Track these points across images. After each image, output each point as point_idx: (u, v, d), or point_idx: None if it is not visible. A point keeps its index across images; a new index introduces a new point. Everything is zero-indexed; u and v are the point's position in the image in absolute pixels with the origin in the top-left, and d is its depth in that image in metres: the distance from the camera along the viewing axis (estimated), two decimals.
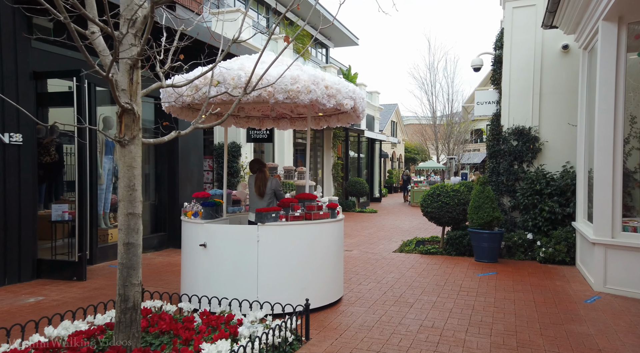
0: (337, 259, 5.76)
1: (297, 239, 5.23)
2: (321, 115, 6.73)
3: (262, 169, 5.92)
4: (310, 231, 5.33)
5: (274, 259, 5.10)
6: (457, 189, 9.54)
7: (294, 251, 5.19)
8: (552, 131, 9.22)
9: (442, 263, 8.56)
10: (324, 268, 5.49)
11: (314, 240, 5.36)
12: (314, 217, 5.38)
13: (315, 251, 5.37)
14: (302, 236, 5.27)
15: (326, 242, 5.52)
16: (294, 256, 5.19)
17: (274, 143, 15.74)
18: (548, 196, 8.81)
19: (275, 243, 5.12)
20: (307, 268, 5.28)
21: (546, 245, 8.45)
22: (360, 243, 10.97)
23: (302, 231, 5.27)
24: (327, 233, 5.54)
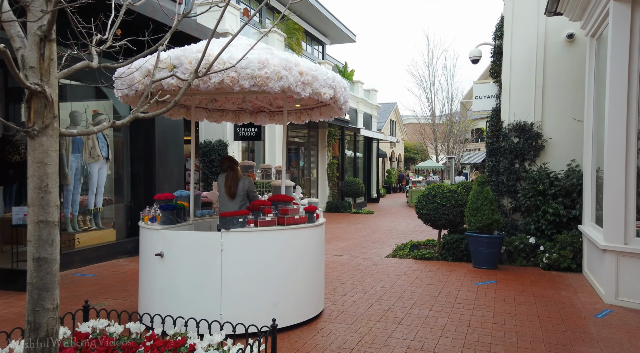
0: (316, 269, 5.11)
1: (268, 247, 4.58)
2: (298, 107, 6.08)
3: (233, 168, 5.27)
4: (283, 238, 4.68)
5: (241, 271, 4.45)
6: (454, 190, 8.89)
7: (264, 261, 4.54)
8: (556, 126, 8.56)
9: (437, 269, 7.90)
10: (300, 280, 4.83)
11: (288, 248, 4.71)
12: (288, 222, 4.73)
13: (289, 261, 4.71)
14: (274, 244, 4.62)
15: (303, 250, 4.87)
16: (264, 267, 4.54)
17: (264, 141, 15.09)
18: (552, 197, 8.15)
19: (242, 252, 4.46)
20: (279, 280, 4.62)
21: (550, 250, 7.79)
22: (351, 247, 10.32)
23: (273, 239, 4.62)
24: (303, 239, 4.89)
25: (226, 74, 4.17)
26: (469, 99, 10.99)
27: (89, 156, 8.23)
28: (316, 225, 5.09)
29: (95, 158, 8.30)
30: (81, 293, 6.16)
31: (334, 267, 8.06)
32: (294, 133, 18.76)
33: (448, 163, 27.45)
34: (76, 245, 7.78)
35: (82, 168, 8.10)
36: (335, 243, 10.75)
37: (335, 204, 18.93)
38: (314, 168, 19.43)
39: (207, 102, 6.15)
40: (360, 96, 23.51)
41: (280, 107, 6.53)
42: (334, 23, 24.01)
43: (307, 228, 4.94)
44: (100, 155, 8.36)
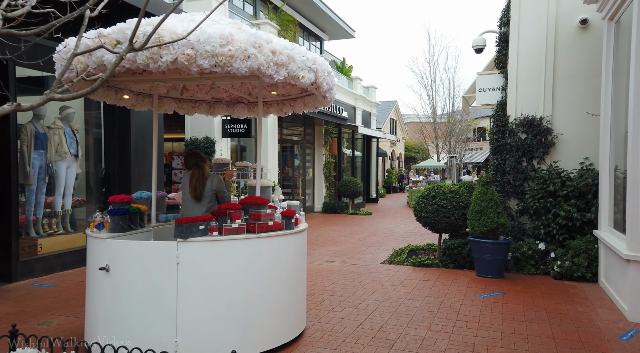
0: (294, 284, 4.38)
1: (234, 259, 3.85)
2: (275, 94, 5.34)
3: (199, 165, 4.54)
4: (254, 248, 3.95)
5: (201, 288, 3.72)
6: (455, 191, 8.15)
7: (230, 276, 3.81)
8: (567, 121, 7.81)
9: (437, 278, 7.16)
10: (275, 297, 4.10)
11: (259, 259, 3.98)
12: (259, 229, 4.00)
13: (261, 275, 3.98)
14: (243, 256, 3.89)
15: (278, 262, 4.14)
16: (229, 284, 3.81)
17: (256, 138, 14.35)
18: (564, 199, 7.41)
19: (203, 265, 3.73)
20: (248, 299, 3.89)
21: (562, 257, 7.05)
22: (345, 251, 9.59)
23: (242, 249, 3.89)
24: (279, 249, 4.16)
25: (180, 51, 3.44)
26: (472, 93, 10.25)
27: (55, 153, 7.50)
28: (295, 231, 4.35)
29: (63, 155, 7.58)
30: (32, 308, 5.44)
31: (324, 275, 7.32)
32: (289, 131, 18.02)
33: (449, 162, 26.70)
34: (38, 251, 7.05)
35: (47, 166, 7.37)
36: (328, 247, 10.02)
37: (332, 205, 18.20)
38: (309, 167, 18.69)
39: (181, 91, 5.41)
40: (359, 92, 22.76)
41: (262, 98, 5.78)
42: (332, 18, 23.26)
43: (284, 235, 4.20)
44: (67, 152, 7.63)
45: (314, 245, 10.30)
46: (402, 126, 41.91)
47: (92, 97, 4.62)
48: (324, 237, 11.61)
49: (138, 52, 3.48)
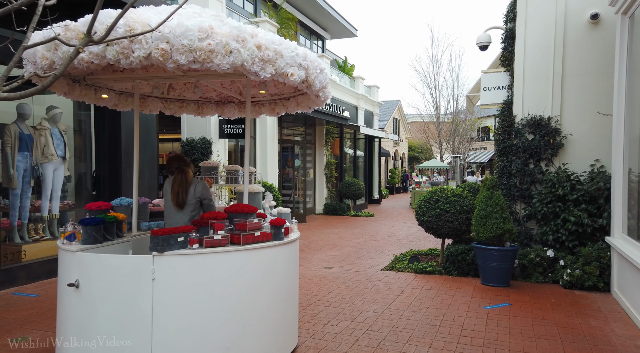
0: (285, 299, 4.04)
1: (217, 274, 3.51)
2: (264, 93, 5.00)
3: (182, 169, 4.21)
4: (239, 261, 3.61)
5: (180, 306, 3.38)
6: (459, 194, 7.80)
7: (212, 292, 3.48)
8: (577, 121, 7.44)
9: (440, 287, 6.81)
10: (262, 314, 3.77)
11: (245, 273, 3.64)
12: (245, 240, 3.66)
13: (247, 290, 3.65)
14: (226, 270, 3.55)
15: (266, 275, 3.80)
16: (212, 301, 3.47)
17: (255, 139, 14.03)
18: (573, 203, 7.04)
19: (181, 281, 3.40)
20: (233, 317, 3.56)
21: (572, 265, 6.69)
22: (345, 256, 9.24)
23: (225, 262, 3.55)
24: (267, 262, 3.82)
25: (154, 45, 3.11)
26: (476, 92, 9.88)
27: (42, 156, 7.19)
28: (285, 242, 4.01)
29: (49, 157, 7.27)
30: (8, 321, 5.12)
31: (321, 283, 6.98)
32: (290, 131, 17.70)
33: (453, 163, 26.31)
34: (22, 257, 6.74)
35: (32, 169, 7.06)
36: (327, 252, 9.68)
37: (333, 207, 17.86)
38: (310, 168, 18.34)
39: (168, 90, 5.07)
40: (361, 92, 22.40)
41: (253, 98, 5.45)
42: (334, 16, 22.92)
43: (272, 247, 3.86)
44: (54, 154, 7.32)
45: (312, 250, 9.96)
46: (405, 125, 41.50)
47: (69, 97, 4.29)
48: (323, 240, 11.27)
49: (108, 47, 3.16)
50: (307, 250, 9.88)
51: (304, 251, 9.72)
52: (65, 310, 3.56)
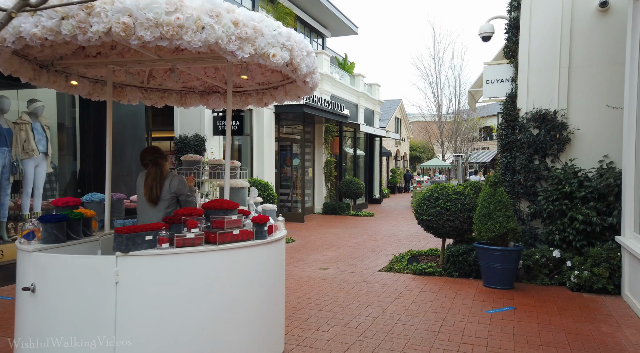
0: (268, 304, 3.69)
1: (190, 277, 3.16)
2: (245, 78, 4.64)
3: (157, 162, 3.85)
4: (214, 262, 3.26)
5: (147, 313, 3.03)
6: (460, 192, 7.43)
7: (183, 298, 3.12)
8: (585, 115, 7.08)
9: (440, 289, 6.45)
10: (242, 322, 3.41)
11: (221, 276, 3.29)
12: (222, 239, 3.31)
13: (224, 295, 3.29)
14: (200, 272, 3.20)
15: (246, 278, 3.45)
16: (183, 307, 3.12)
17: (252, 137, 13.70)
18: (581, 201, 6.67)
19: (149, 285, 3.05)
20: (207, 325, 3.20)
21: (580, 266, 6.32)
22: (342, 257, 8.89)
23: (199, 264, 3.20)
24: (246, 263, 3.47)
25: (115, 19, 2.76)
26: (479, 87, 9.52)
27: (22, 151, 6.86)
28: (268, 241, 3.66)
29: (30, 153, 6.93)
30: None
31: (315, 285, 6.63)
32: (288, 129, 17.37)
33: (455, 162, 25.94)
34: (0, 258, 6.40)
35: (12, 165, 6.73)
36: (323, 252, 9.33)
37: (332, 206, 17.49)
38: (309, 167, 17.98)
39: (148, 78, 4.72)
40: (362, 90, 22.04)
41: (239, 87, 5.11)
42: (335, 14, 22.58)
43: (253, 246, 3.51)
44: (35, 150, 6.99)
45: (308, 250, 9.61)
46: (407, 125, 41.12)
47: (35, 83, 3.94)
48: (320, 240, 10.91)
49: (63, 20, 2.81)
50: (303, 250, 9.53)
51: (300, 252, 9.37)
52: (21, 316, 3.21)
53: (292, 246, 10.06)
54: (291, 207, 16.17)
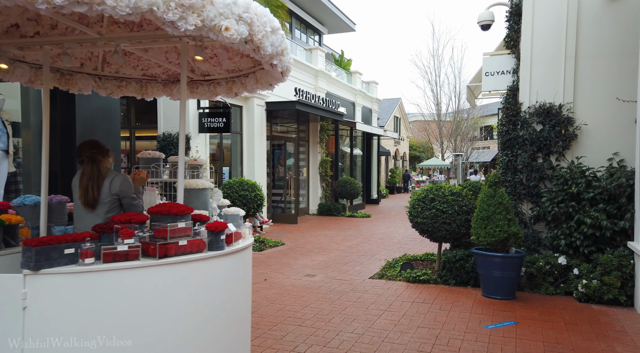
0: (226, 327, 3.12)
1: (120, 300, 2.58)
2: (200, 60, 4.06)
3: (94, 158, 3.28)
4: (153, 281, 2.69)
5: (64, 348, 2.45)
6: (457, 192, 6.86)
7: (112, 326, 2.55)
8: (593, 109, 6.51)
9: (435, 300, 5.88)
10: (193, 350, 2.83)
11: (163, 297, 2.72)
12: (163, 251, 2.74)
13: (165, 321, 2.72)
14: (134, 293, 2.63)
15: (196, 299, 2.88)
16: (112, 338, 2.54)
17: (242, 134, 13.12)
18: (589, 203, 6.10)
19: (66, 310, 2.47)
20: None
21: (588, 274, 5.75)
22: (332, 262, 8.32)
23: (133, 283, 2.63)
24: (197, 280, 2.89)
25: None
26: (478, 82, 8.95)
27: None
28: (227, 252, 3.08)
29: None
30: None
31: (298, 295, 6.06)
32: (283, 128, 16.81)
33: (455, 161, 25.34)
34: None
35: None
36: (313, 257, 8.76)
37: (327, 207, 16.92)
38: (304, 166, 17.41)
39: (103, 64, 4.13)
40: (359, 88, 21.48)
41: (206, 75, 4.53)
42: (332, 10, 22.03)
43: (206, 260, 2.94)
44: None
45: (297, 254, 9.04)
46: (406, 124, 40.55)
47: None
48: (311, 244, 10.35)
49: None
50: (292, 255, 8.96)
51: (288, 256, 8.80)
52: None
53: (281, 250, 9.50)
54: (284, 208, 15.61)
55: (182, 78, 3.33)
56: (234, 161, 13.20)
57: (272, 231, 12.45)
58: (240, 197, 9.74)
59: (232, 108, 12.73)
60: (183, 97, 3.32)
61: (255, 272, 7.37)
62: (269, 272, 7.42)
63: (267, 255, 8.88)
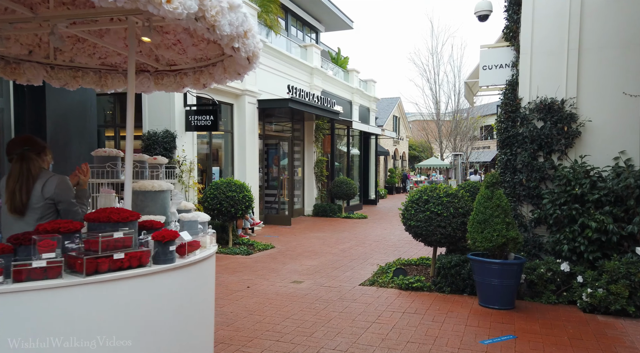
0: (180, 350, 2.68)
1: (35, 328, 2.14)
2: (147, 41, 3.62)
3: (25, 156, 2.85)
4: (78, 303, 2.25)
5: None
6: (453, 194, 6.43)
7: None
8: (597, 104, 6.07)
9: (428, 309, 5.45)
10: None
11: (97, 323, 2.28)
12: (92, 268, 2.31)
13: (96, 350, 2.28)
14: (54, 320, 2.19)
15: (136, 323, 2.44)
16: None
17: (232, 133, 12.68)
18: (594, 205, 5.67)
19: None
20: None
21: (593, 283, 5.31)
22: (322, 267, 7.88)
23: (51, 307, 2.19)
24: (137, 301, 2.46)
25: None
26: (476, 78, 8.51)
27: None
28: (177, 266, 2.65)
29: None
30: None
31: (281, 305, 5.62)
32: (278, 127, 16.37)
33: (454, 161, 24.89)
34: None
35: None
36: (302, 261, 8.32)
37: (323, 208, 16.49)
38: (299, 166, 16.98)
39: (1, 41, 3.69)
40: (356, 86, 21.04)
41: (172, 65, 4.10)
42: (329, 7, 21.58)
43: (149, 275, 2.50)
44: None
45: (287, 258, 8.61)
46: (405, 124, 40.09)
47: None
48: (303, 247, 9.91)
49: None
50: (280, 259, 8.53)
51: (277, 260, 8.37)
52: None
53: (270, 253, 9.07)
54: (278, 209, 15.18)
55: (130, 63, 2.90)
56: (225, 161, 12.77)
57: (263, 233, 12.02)
58: (228, 198, 9.30)
59: (222, 106, 12.30)
60: (131, 83, 2.89)
61: (239, 279, 6.95)
62: (254, 278, 6.99)
63: (255, 259, 8.45)
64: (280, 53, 14.37)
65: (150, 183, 3.22)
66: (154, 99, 10.19)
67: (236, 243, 9.86)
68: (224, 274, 7.22)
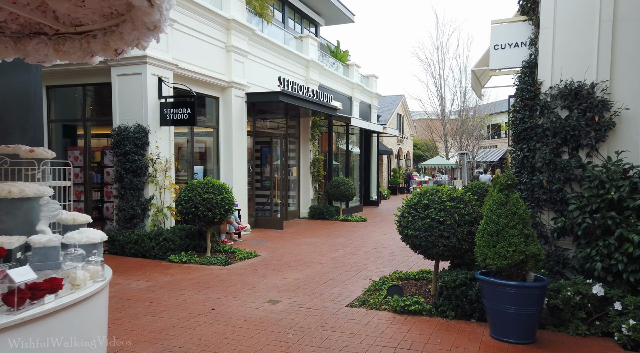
0: None
1: None
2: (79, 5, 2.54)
3: None
4: None
5: None
6: (458, 198, 5.33)
7: None
8: (636, 89, 4.95)
9: (427, 343, 4.35)
10: None
11: None
12: None
13: None
14: None
15: None
16: None
17: (217, 129, 11.61)
18: (636, 214, 4.54)
19: None
20: None
21: (636, 311, 4.19)
22: (306, 281, 6.80)
23: None
24: None
25: None
26: (486, 65, 7.40)
27: None
28: (4, 324, 1.57)
29: None
30: None
31: (245, 335, 4.54)
32: (273, 124, 15.30)
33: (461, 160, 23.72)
34: None
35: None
36: (285, 274, 7.25)
37: (319, 210, 15.41)
38: (294, 166, 15.90)
39: None
40: (356, 81, 19.93)
41: (78, 25, 3.03)
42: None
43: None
44: None
45: (268, 269, 7.53)
46: (410, 122, 38.91)
47: None
48: (290, 255, 8.84)
49: None
50: (262, 270, 7.46)
51: (256, 272, 7.29)
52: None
53: (251, 263, 8.00)
54: (271, 211, 14.10)
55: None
56: (209, 160, 11.71)
57: (251, 238, 10.98)
58: (204, 201, 8.23)
59: (207, 100, 11.26)
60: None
61: (206, 297, 5.88)
62: (223, 297, 5.93)
63: (232, 271, 7.38)
64: (271, 43, 13.30)
65: (8, 185, 2.15)
66: (125, 92, 9.15)
67: (216, 250, 8.80)
68: (189, 291, 6.15)
